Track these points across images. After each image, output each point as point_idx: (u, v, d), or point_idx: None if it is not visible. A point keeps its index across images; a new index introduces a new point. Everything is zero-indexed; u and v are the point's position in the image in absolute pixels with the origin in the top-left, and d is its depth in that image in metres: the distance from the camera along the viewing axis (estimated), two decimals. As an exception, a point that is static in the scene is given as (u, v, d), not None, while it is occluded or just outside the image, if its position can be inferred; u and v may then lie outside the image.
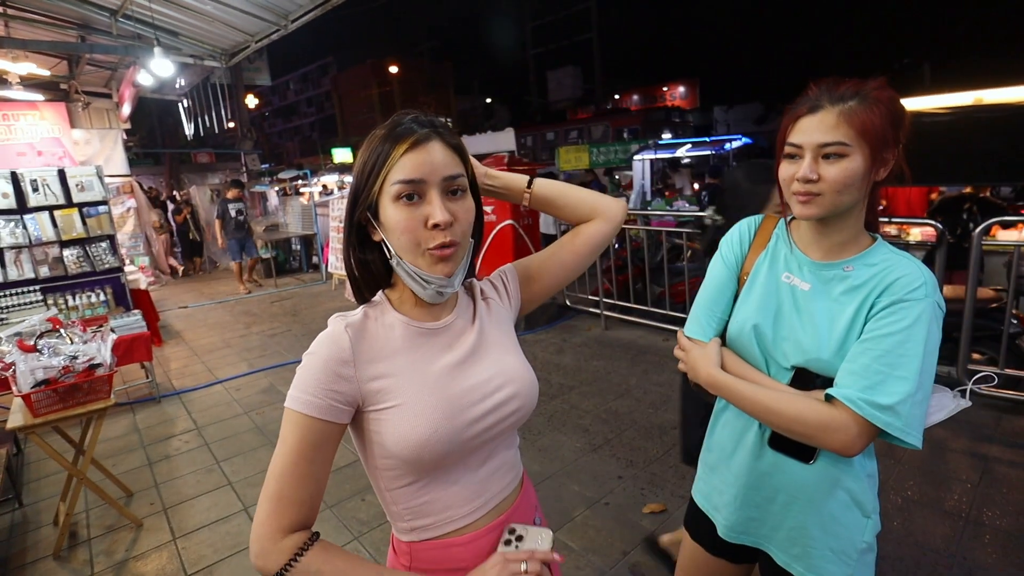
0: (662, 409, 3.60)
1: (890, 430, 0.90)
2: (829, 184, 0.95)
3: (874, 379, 0.91)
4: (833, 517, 1.05)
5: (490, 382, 0.89)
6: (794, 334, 1.05)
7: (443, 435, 0.81)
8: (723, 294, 1.18)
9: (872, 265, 1.01)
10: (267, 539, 0.76)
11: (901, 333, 0.92)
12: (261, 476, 3.12)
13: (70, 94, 8.41)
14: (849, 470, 1.04)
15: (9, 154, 7.29)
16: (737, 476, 1.15)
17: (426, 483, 0.85)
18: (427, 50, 43.00)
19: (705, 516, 1.26)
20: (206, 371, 5.07)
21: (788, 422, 0.97)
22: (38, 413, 2.54)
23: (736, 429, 1.17)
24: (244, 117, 12.51)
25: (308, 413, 0.78)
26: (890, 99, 0.94)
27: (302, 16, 6.70)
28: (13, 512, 3.01)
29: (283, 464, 0.78)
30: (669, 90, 25.70)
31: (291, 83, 50.18)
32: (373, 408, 0.82)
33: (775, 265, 1.12)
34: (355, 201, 0.84)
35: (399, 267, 0.84)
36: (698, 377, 1.12)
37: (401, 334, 0.86)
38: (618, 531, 2.48)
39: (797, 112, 1.00)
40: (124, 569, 2.49)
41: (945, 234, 3.23)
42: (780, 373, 1.07)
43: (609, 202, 1.09)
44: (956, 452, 2.86)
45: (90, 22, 7.09)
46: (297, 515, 0.78)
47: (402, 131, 0.80)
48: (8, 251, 4.64)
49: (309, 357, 0.81)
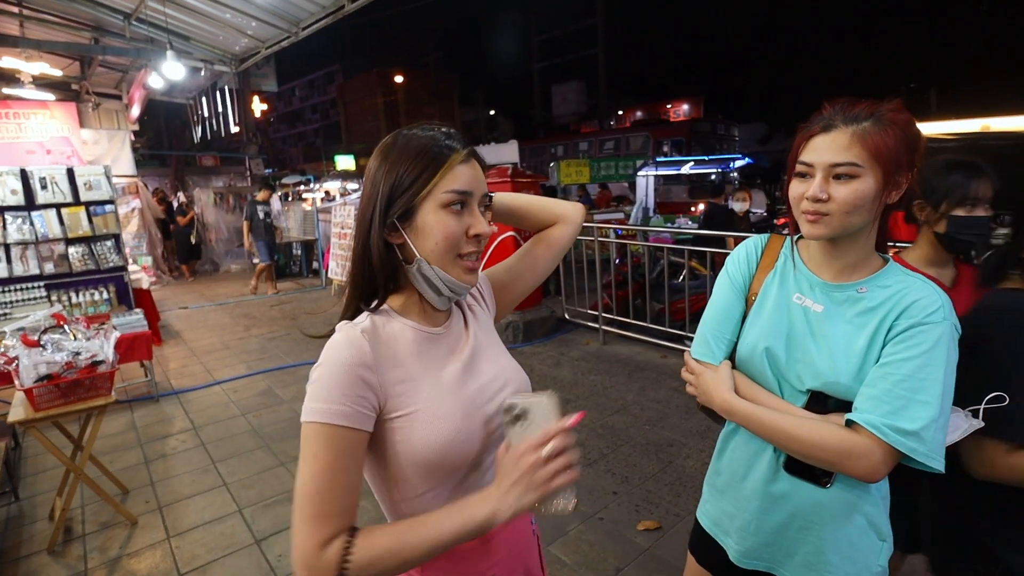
0: (659, 426, 3.62)
1: (915, 455, 0.88)
2: (839, 204, 0.94)
3: (896, 404, 0.90)
4: (850, 542, 1.04)
5: (494, 382, 0.92)
6: (808, 356, 1.03)
7: (465, 434, 0.83)
8: (731, 315, 1.15)
9: (886, 287, 1.00)
10: (312, 556, 0.73)
11: (921, 357, 0.91)
12: (256, 478, 3.16)
13: (81, 95, 8.51)
14: (866, 494, 1.03)
15: (19, 152, 7.35)
16: (749, 500, 1.13)
17: (440, 492, 0.85)
18: (433, 61, 43.45)
19: (713, 540, 1.23)
20: (204, 372, 5.08)
21: (809, 448, 0.95)
22: (39, 407, 2.56)
23: (748, 453, 1.14)
24: (250, 122, 12.59)
25: (336, 423, 0.75)
26: (906, 122, 0.93)
27: (313, 24, 6.81)
28: (9, 506, 3.02)
29: (318, 483, 0.75)
30: (673, 107, 25.89)
31: (297, 89, 50.56)
32: (392, 415, 0.81)
33: (785, 285, 1.11)
34: (389, 204, 0.83)
35: (419, 271, 0.85)
36: (712, 403, 1.10)
37: (410, 339, 0.87)
38: (611, 547, 2.49)
39: (810, 131, 0.99)
40: (118, 566, 2.49)
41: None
42: (794, 396, 1.04)
43: (568, 206, 1.15)
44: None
45: (104, 24, 7.19)
46: (338, 526, 0.75)
47: (453, 144, 0.84)
48: (15, 247, 4.68)
49: (328, 366, 0.78)
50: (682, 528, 2.58)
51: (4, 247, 4.66)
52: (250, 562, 2.48)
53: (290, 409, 4.16)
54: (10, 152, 7.25)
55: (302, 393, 3.80)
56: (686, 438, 3.43)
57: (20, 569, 2.50)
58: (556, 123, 29.02)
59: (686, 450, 3.29)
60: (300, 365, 5.19)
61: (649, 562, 2.38)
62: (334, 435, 0.75)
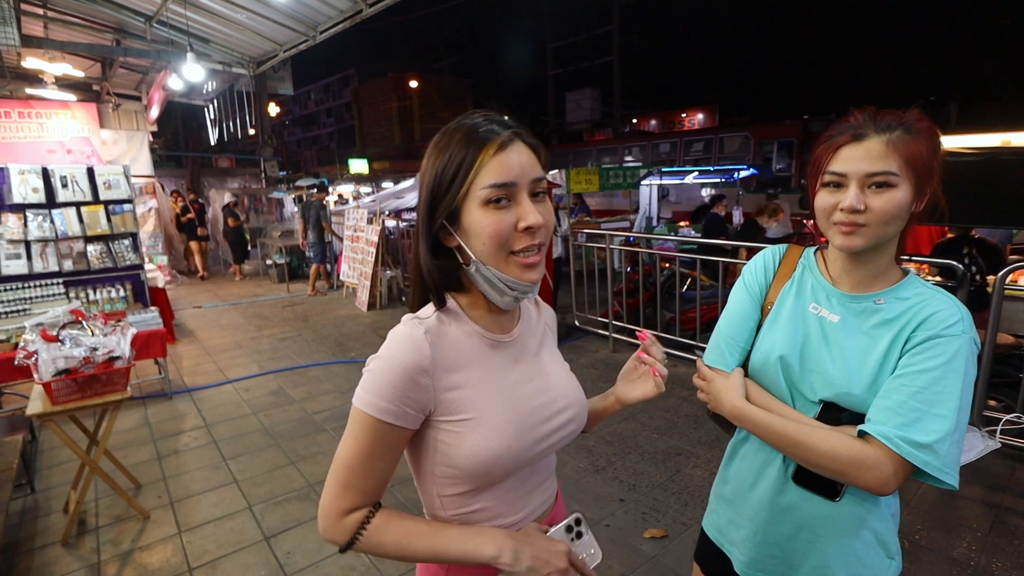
0: (667, 434, 3.61)
1: (928, 469, 0.87)
2: (876, 215, 0.92)
3: (911, 416, 0.89)
4: (857, 557, 1.03)
5: (555, 402, 0.90)
6: (822, 367, 1.01)
7: (514, 452, 0.82)
8: (746, 323, 1.14)
9: (905, 299, 0.98)
10: (333, 518, 0.80)
11: (938, 369, 0.90)
12: (266, 476, 3.19)
13: (101, 95, 8.66)
14: (875, 509, 1.02)
15: (40, 151, 7.50)
16: (756, 511, 1.11)
17: (480, 493, 0.86)
18: (447, 66, 43.67)
19: (719, 550, 1.22)
20: (217, 370, 5.14)
21: (820, 458, 0.94)
22: (57, 401, 2.61)
23: (757, 462, 1.13)
24: (266, 125, 12.76)
25: (382, 419, 0.77)
26: (930, 130, 0.93)
27: (330, 28, 6.89)
28: (25, 497, 3.07)
29: (352, 458, 0.80)
30: (688, 116, 25.80)
31: (312, 93, 51.02)
32: (445, 418, 0.81)
33: (802, 295, 1.10)
34: (432, 209, 0.81)
35: (478, 272, 0.81)
36: (722, 408, 1.09)
37: (475, 345, 0.85)
38: (617, 553, 2.49)
39: (837, 141, 0.96)
40: (130, 559, 2.53)
41: (967, 276, 3.19)
42: (806, 406, 1.03)
43: None
44: (968, 499, 2.80)
45: (126, 26, 7.33)
46: (361, 501, 0.81)
47: (485, 133, 0.77)
48: (35, 244, 4.77)
49: (387, 361, 0.79)
50: (688, 537, 2.57)
51: (25, 244, 4.75)
52: (259, 559, 2.50)
53: (300, 409, 4.20)
54: (32, 151, 7.40)
55: (312, 393, 3.85)
56: (694, 447, 3.42)
57: (35, 560, 2.55)
58: (569, 130, 29.06)
59: (694, 459, 3.28)
60: (311, 366, 5.23)
61: (655, 570, 2.38)
62: (377, 427, 0.78)
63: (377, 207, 7.57)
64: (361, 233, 7.77)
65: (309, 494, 3.00)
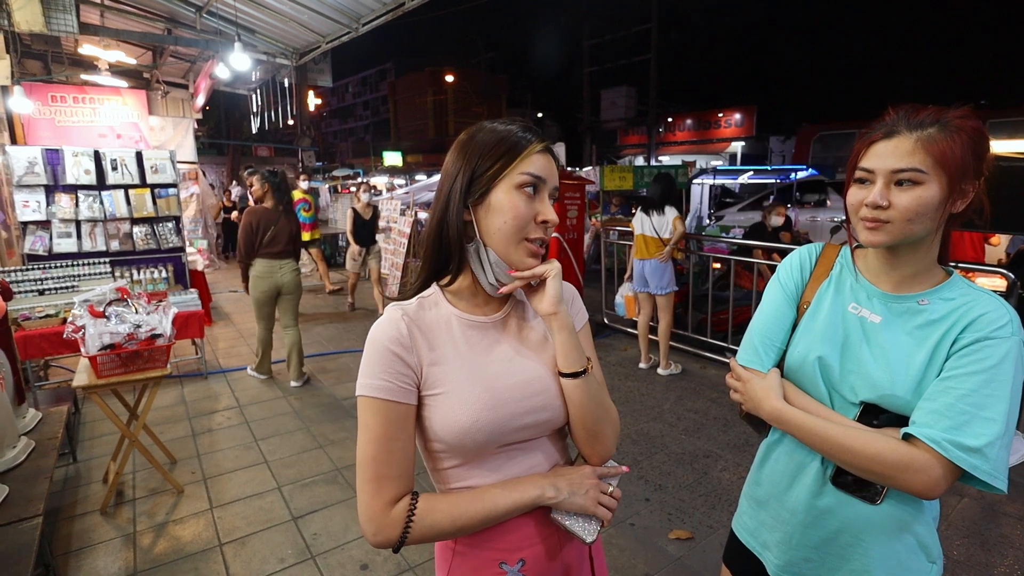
0: (695, 436, 3.56)
1: (977, 473, 0.85)
2: (900, 212, 0.91)
3: (959, 419, 0.86)
4: (899, 561, 1.00)
5: (531, 384, 0.91)
6: (864, 368, 0.99)
7: (484, 425, 0.85)
8: (781, 323, 1.11)
9: (950, 300, 0.96)
10: (379, 517, 0.83)
11: (987, 372, 0.88)
12: (295, 458, 3.25)
13: (151, 83, 8.93)
14: (918, 514, 0.99)
15: (92, 135, 7.77)
16: (793, 513, 1.09)
17: (471, 467, 0.89)
18: (484, 61, 43.76)
19: (750, 553, 1.19)
20: (250, 353, 5.26)
21: (865, 461, 0.91)
22: (101, 375, 2.71)
23: (792, 464, 1.10)
24: (304, 115, 13.00)
25: (381, 397, 0.83)
26: (974, 129, 0.90)
27: (373, 20, 6.94)
28: (68, 467, 3.20)
29: (373, 450, 0.84)
30: (725, 116, 25.27)
31: (350, 86, 51.78)
32: (427, 392, 0.87)
33: (840, 294, 1.07)
34: (471, 182, 0.87)
35: (476, 250, 0.89)
36: (760, 410, 1.06)
37: (454, 325, 0.91)
38: (642, 553, 2.46)
39: (872, 137, 0.96)
40: (164, 531, 2.61)
41: (1017, 285, 3.13)
42: (845, 407, 1.01)
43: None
44: (1010, 516, 2.69)
45: (177, 16, 7.53)
46: (397, 488, 0.84)
47: (535, 134, 0.89)
48: (85, 223, 4.97)
49: (370, 343, 0.86)
50: (715, 540, 2.53)
51: (76, 224, 4.95)
52: (286, 538, 2.56)
53: (329, 394, 4.27)
54: (84, 135, 7.67)
55: (341, 379, 3.91)
56: (723, 450, 3.36)
57: (75, 526, 2.65)
58: (603, 128, 28.78)
59: (722, 462, 3.22)
60: (340, 353, 5.32)
61: (680, 571, 2.35)
62: (380, 407, 0.84)
63: (411, 198, 7.62)
64: (394, 224, 7.84)
65: (336, 478, 3.04)
